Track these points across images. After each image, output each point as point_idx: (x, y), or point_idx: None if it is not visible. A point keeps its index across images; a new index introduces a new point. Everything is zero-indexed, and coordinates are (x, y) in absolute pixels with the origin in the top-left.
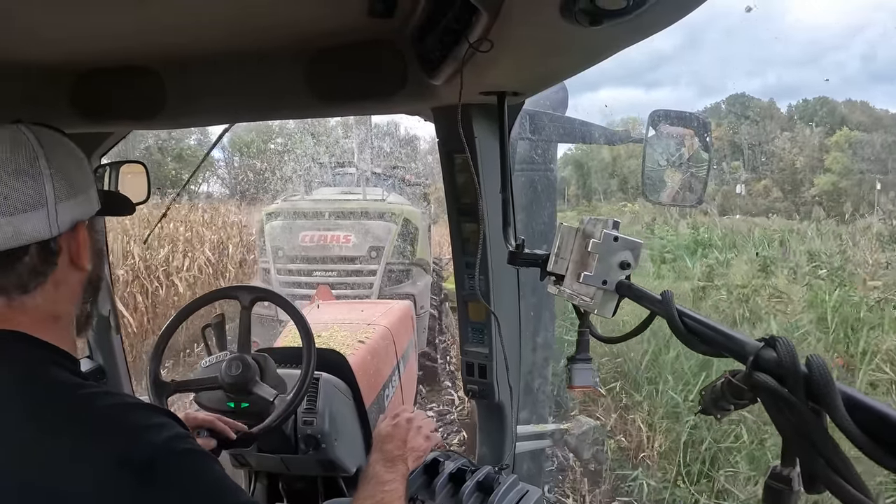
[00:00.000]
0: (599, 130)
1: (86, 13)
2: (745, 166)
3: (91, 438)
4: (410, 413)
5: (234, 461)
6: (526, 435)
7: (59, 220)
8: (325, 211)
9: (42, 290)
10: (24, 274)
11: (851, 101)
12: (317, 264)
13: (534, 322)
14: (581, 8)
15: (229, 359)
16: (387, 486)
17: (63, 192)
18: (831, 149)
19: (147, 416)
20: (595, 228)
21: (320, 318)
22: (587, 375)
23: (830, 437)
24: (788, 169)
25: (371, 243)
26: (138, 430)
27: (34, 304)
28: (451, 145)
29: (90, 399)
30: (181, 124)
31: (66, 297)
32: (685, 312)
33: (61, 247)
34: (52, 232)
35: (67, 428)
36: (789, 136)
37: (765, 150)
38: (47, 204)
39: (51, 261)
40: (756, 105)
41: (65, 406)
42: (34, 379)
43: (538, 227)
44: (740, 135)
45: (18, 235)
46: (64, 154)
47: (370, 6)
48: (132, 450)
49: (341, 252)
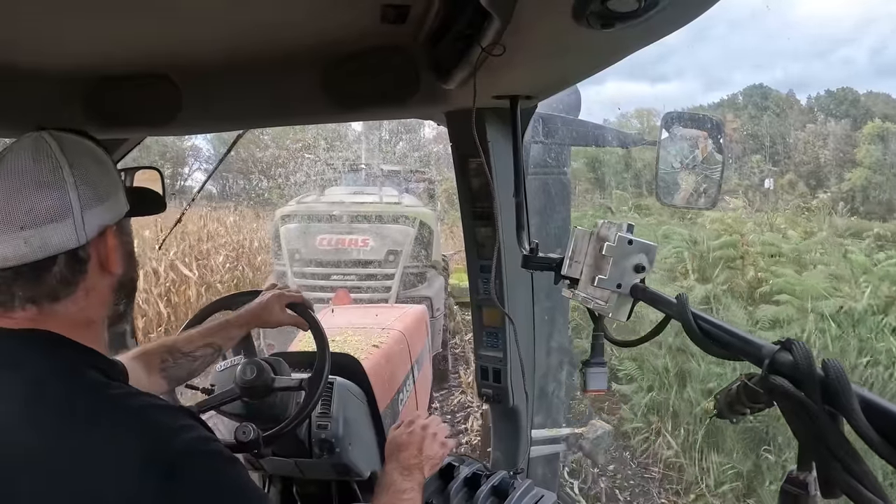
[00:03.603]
0: (612, 133)
1: (101, 21)
2: (766, 160)
3: (119, 437)
4: (425, 420)
5: (249, 465)
6: (540, 439)
7: (86, 227)
8: (342, 214)
9: (73, 297)
10: (53, 284)
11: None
12: (334, 268)
13: (548, 326)
14: (593, 11)
15: (243, 363)
16: (405, 494)
17: (89, 199)
18: (862, 142)
19: (175, 417)
20: (609, 231)
21: (334, 323)
22: (601, 379)
23: (847, 440)
24: (812, 163)
25: (389, 247)
26: (166, 430)
27: (66, 312)
28: (465, 149)
29: (119, 399)
30: (196, 130)
31: (97, 303)
32: (700, 316)
33: (90, 254)
34: (80, 240)
35: (96, 426)
36: (813, 128)
37: (787, 144)
38: (73, 213)
39: (80, 269)
40: (775, 97)
41: (94, 404)
42: (65, 377)
43: (552, 231)
44: (761, 127)
45: (45, 247)
46: (88, 160)
47: (383, 13)
48: (159, 449)
49: (359, 256)
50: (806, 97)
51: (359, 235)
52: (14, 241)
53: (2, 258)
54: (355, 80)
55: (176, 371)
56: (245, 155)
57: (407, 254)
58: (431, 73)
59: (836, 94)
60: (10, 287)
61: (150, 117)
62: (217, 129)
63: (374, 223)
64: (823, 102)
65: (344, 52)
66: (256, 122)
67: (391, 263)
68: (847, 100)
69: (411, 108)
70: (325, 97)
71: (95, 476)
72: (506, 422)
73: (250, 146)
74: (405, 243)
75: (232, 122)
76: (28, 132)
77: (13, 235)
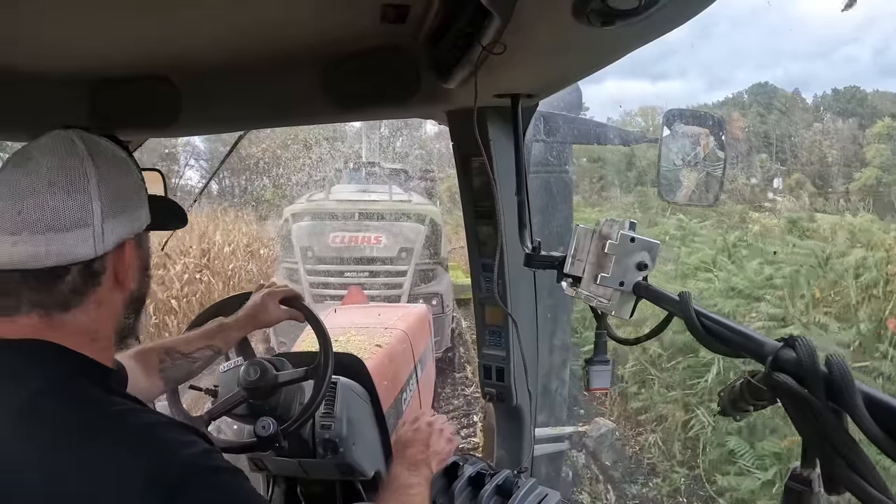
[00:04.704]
0: (614, 131)
1: (101, 23)
2: (772, 159)
3: (120, 456)
4: (431, 417)
5: (253, 465)
6: (544, 438)
7: (104, 239)
8: (354, 212)
9: (83, 309)
10: (65, 293)
11: (881, 92)
12: (347, 265)
13: (551, 324)
14: (593, 9)
15: (246, 365)
16: (412, 489)
17: (110, 208)
18: (871, 141)
19: (176, 433)
20: (612, 230)
21: (337, 323)
22: (605, 377)
23: (851, 437)
24: (818, 162)
25: (401, 244)
26: (167, 447)
27: (73, 322)
28: (467, 148)
29: (119, 416)
30: (197, 131)
31: (106, 317)
32: (703, 313)
33: (106, 266)
34: (97, 252)
35: (94, 441)
36: (819, 127)
37: (794, 143)
38: (93, 223)
39: (94, 281)
40: (781, 95)
41: (91, 420)
42: (64, 393)
43: (554, 229)
44: (767, 125)
45: (62, 254)
46: (114, 168)
47: (383, 12)
48: (161, 467)
49: (372, 253)
50: (812, 96)
51: (371, 233)
52: (33, 243)
53: (9, 257)
54: (355, 80)
55: (174, 372)
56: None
57: (418, 251)
58: (432, 73)
59: (843, 93)
60: (17, 290)
61: (151, 119)
62: (217, 130)
63: (385, 221)
64: (830, 101)
65: (344, 53)
66: (257, 122)
67: (403, 260)
68: (854, 98)
69: (412, 107)
70: (326, 97)
71: (94, 493)
72: (509, 421)
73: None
74: (417, 241)
75: (232, 123)
76: (27, 134)
77: (34, 237)
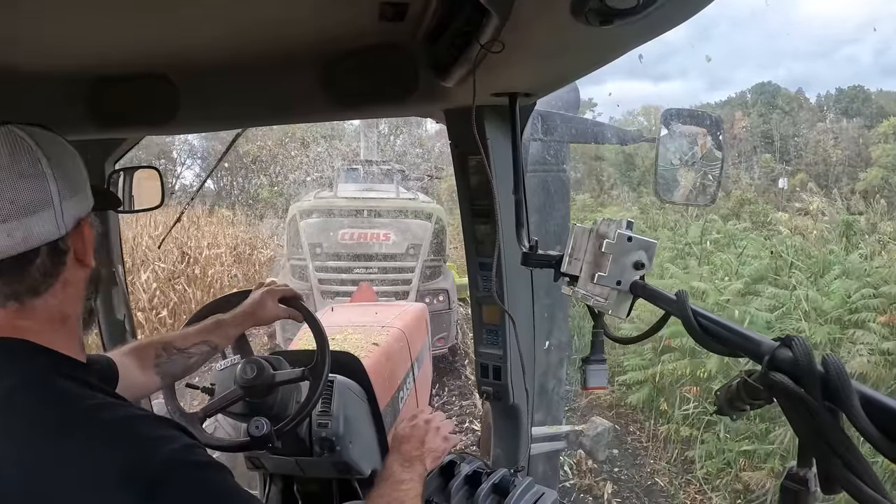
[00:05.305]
0: (612, 130)
1: (99, 22)
2: (776, 159)
3: (96, 451)
4: (428, 414)
5: (249, 463)
6: (541, 436)
7: (65, 218)
8: (362, 209)
9: (52, 291)
10: (36, 277)
11: (885, 91)
12: (356, 262)
13: (548, 323)
14: (592, 8)
15: (243, 363)
16: (404, 485)
17: (66, 190)
18: (877, 140)
19: (154, 427)
20: (609, 229)
21: (334, 321)
22: (601, 376)
23: (847, 436)
24: (822, 162)
25: (410, 241)
26: (145, 442)
27: (45, 307)
28: (464, 147)
29: (96, 410)
30: (194, 129)
31: (73, 296)
32: (700, 312)
33: (69, 245)
34: (60, 231)
35: (69, 437)
36: (824, 126)
37: (797, 143)
38: (53, 204)
39: (60, 261)
40: (784, 95)
41: (66, 416)
42: (38, 390)
43: (552, 228)
44: (771, 125)
45: (28, 238)
46: (62, 152)
47: (381, 10)
48: (139, 461)
49: (381, 250)
50: (815, 95)
51: (380, 230)
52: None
53: None
54: (354, 79)
55: (170, 367)
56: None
57: (426, 248)
58: (430, 71)
59: (847, 93)
60: None
61: (149, 117)
62: (216, 128)
63: (395, 218)
64: (834, 100)
65: (342, 51)
66: (255, 120)
67: (412, 257)
68: (858, 98)
69: (410, 105)
70: (324, 95)
71: (72, 488)
72: (506, 419)
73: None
74: (424, 237)
75: (231, 121)
76: None
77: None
